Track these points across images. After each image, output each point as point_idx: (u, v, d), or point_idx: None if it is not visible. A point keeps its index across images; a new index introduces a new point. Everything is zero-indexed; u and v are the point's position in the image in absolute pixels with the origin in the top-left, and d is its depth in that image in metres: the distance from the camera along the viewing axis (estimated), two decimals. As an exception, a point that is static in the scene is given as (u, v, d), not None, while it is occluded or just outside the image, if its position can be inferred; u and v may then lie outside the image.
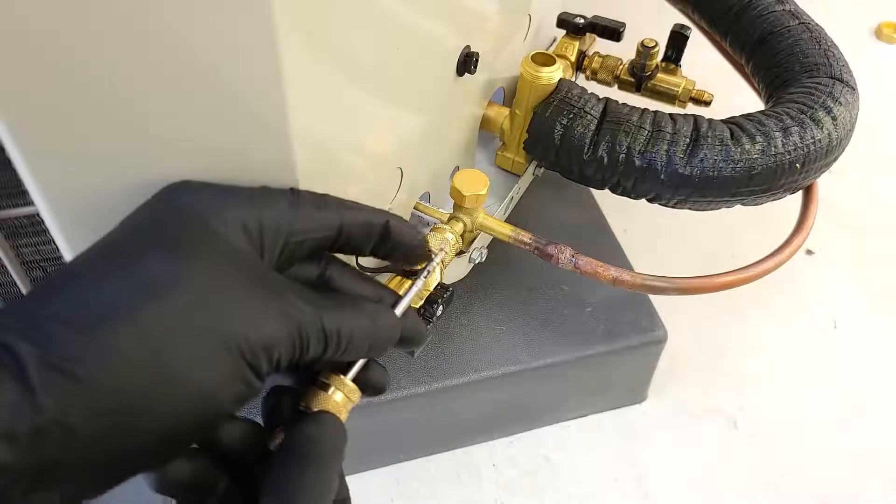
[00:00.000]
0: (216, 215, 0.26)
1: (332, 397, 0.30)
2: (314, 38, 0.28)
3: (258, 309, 0.25)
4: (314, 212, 0.29)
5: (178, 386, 0.23)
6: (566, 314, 0.56)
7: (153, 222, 0.26)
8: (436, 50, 0.42)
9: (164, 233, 0.26)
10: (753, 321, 0.69)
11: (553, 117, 0.50)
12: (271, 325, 0.25)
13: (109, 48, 0.25)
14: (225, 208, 0.26)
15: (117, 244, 0.26)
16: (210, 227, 0.26)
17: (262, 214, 0.27)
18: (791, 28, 0.57)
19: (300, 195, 0.29)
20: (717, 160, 0.47)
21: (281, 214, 0.27)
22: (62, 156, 0.29)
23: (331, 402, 0.30)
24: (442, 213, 0.47)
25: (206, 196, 0.27)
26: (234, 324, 0.24)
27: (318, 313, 0.26)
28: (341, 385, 0.30)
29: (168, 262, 0.24)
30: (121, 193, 0.30)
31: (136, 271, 0.24)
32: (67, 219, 0.31)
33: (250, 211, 0.27)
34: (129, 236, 0.26)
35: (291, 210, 0.28)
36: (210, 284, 0.25)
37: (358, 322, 0.28)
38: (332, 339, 0.27)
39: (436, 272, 0.42)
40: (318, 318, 0.26)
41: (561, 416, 0.61)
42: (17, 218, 0.37)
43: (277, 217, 0.27)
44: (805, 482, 0.58)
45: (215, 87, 0.27)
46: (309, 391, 0.30)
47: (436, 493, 0.56)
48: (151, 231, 0.26)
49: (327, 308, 0.27)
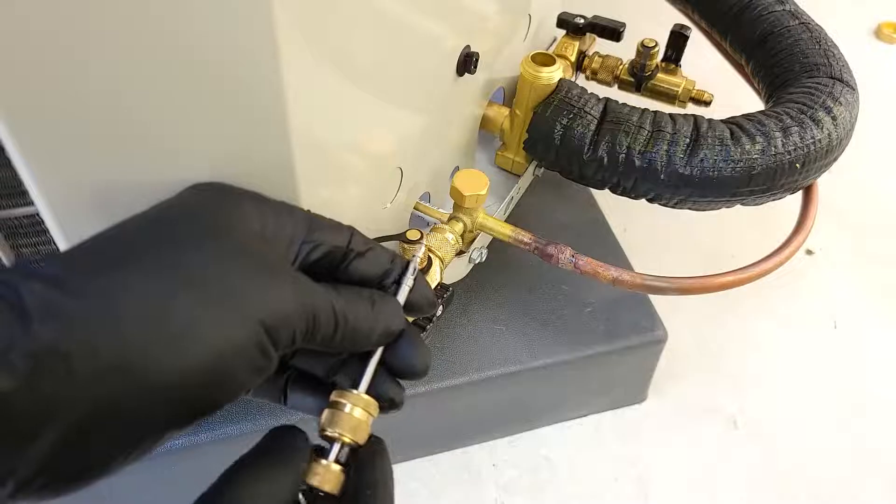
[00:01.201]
0: (240, 210, 0.27)
1: (351, 414, 0.28)
2: (314, 38, 0.28)
3: (276, 284, 0.26)
4: (328, 224, 0.30)
5: (187, 342, 0.23)
6: (566, 314, 0.56)
7: (179, 208, 0.27)
8: (436, 50, 0.42)
9: (188, 217, 0.27)
10: (753, 321, 0.69)
11: (553, 117, 0.50)
12: (287, 299, 0.26)
13: (109, 48, 0.25)
14: (248, 206, 0.28)
15: (139, 219, 0.26)
16: (233, 218, 0.27)
17: (282, 217, 0.28)
18: (791, 28, 0.57)
19: (316, 214, 0.31)
20: (717, 160, 0.47)
21: (298, 220, 0.29)
22: (62, 156, 0.29)
23: (351, 420, 0.28)
24: (442, 213, 0.48)
25: (230, 193, 0.29)
26: (253, 291, 0.25)
27: (328, 294, 0.28)
28: (357, 400, 0.29)
29: (195, 238, 0.26)
30: (120, 193, 0.30)
31: (157, 235, 0.25)
32: (67, 219, 0.31)
33: (272, 210, 0.28)
34: (152, 215, 0.27)
35: (307, 219, 0.29)
36: (227, 257, 0.25)
37: (360, 307, 0.29)
38: (340, 321, 0.28)
39: (435, 268, 0.42)
40: (329, 298, 0.27)
41: (561, 416, 0.61)
42: (17, 218, 0.36)
43: (295, 221, 0.29)
44: (805, 482, 0.58)
45: (215, 87, 0.27)
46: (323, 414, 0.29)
47: (436, 493, 0.56)
48: (177, 215, 0.27)
49: (335, 292, 0.28)
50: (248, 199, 0.28)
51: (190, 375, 0.23)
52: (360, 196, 0.40)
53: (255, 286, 0.25)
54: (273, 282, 0.26)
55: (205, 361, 0.23)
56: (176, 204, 0.28)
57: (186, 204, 0.28)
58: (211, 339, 0.24)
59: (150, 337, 0.23)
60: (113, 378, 0.22)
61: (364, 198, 0.40)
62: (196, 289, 0.24)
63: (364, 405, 0.29)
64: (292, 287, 0.26)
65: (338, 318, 0.27)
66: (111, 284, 0.23)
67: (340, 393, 0.29)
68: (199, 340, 0.23)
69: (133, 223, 0.26)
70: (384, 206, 0.43)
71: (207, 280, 0.24)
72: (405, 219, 0.48)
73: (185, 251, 0.25)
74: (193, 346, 0.23)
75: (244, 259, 0.26)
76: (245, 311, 0.25)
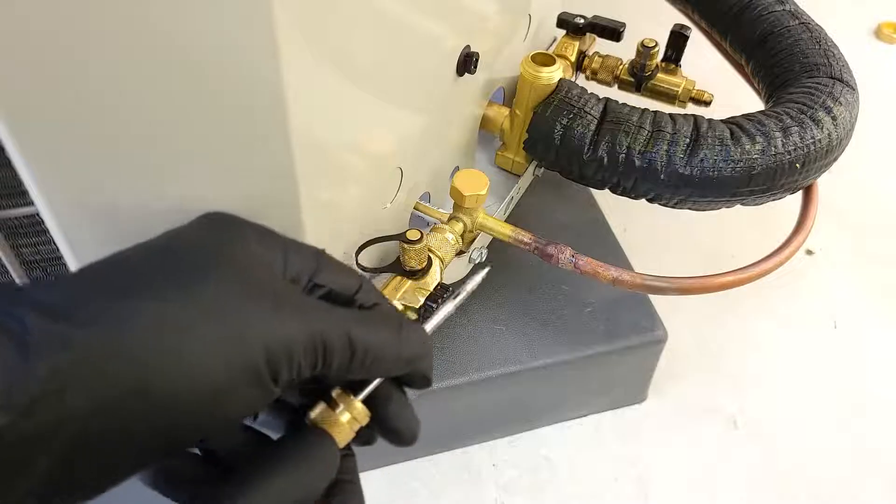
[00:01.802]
0: (249, 242, 0.27)
1: (338, 417, 0.29)
2: (314, 38, 0.28)
3: (281, 313, 0.25)
4: (336, 264, 0.29)
5: (191, 374, 0.23)
6: (566, 314, 0.56)
7: (188, 236, 0.27)
8: (436, 50, 0.42)
9: (196, 244, 0.26)
10: (753, 321, 0.69)
11: (553, 117, 0.50)
12: (292, 329, 0.25)
13: (109, 48, 0.25)
14: (258, 238, 0.27)
15: (149, 246, 0.26)
16: (242, 249, 0.26)
17: (290, 253, 0.28)
18: (791, 28, 0.57)
19: (326, 253, 0.30)
20: (717, 160, 0.47)
21: (307, 257, 0.28)
22: (62, 156, 0.29)
23: (337, 422, 0.29)
24: (442, 213, 0.48)
25: (241, 225, 0.28)
26: (254, 323, 0.24)
27: (344, 322, 0.27)
28: (350, 407, 0.29)
29: (200, 267, 0.25)
30: (120, 193, 0.30)
31: (164, 265, 0.25)
32: (67, 219, 0.31)
33: (279, 246, 0.28)
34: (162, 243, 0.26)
35: (317, 256, 0.29)
36: (235, 287, 0.25)
37: (385, 334, 0.28)
38: (358, 349, 0.27)
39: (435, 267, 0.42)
40: (344, 326, 0.26)
41: (561, 416, 0.61)
42: (17, 218, 0.36)
43: (304, 258, 0.28)
44: (805, 482, 0.58)
45: (214, 87, 0.27)
46: (317, 405, 0.29)
47: (436, 493, 0.56)
48: (185, 242, 0.26)
49: (354, 318, 0.27)
50: (256, 232, 0.28)
51: (193, 406, 0.23)
52: (361, 196, 0.40)
53: (255, 313, 0.25)
54: (278, 311, 0.25)
55: (207, 392, 0.23)
56: (183, 234, 0.27)
57: (193, 234, 0.27)
58: (213, 370, 0.23)
59: (154, 368, 0.23)
60: (113, 410, 0.22)
61: (364, 198, 0.40)
62: (198, 320, 0.24)
63: (355, 414, 0.29)
64: (300, 314, 0.26)
65: (354, 345, 0.26)
66: (116, 314, 0.23)
67: (340, 394, 0.29)
68: (202, 372, 0.23)
69: (139, 251, 0.26)
70: (384, 206, 0.43)
71: (210, 311, 0.24)
72: (405, 219, 0.48)
73: (189, 282, 0.24)
74: (197, 377, 0.23)
75: (250, 289, 0.25)
76: (245, 338, 0.24)
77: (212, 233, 0.27)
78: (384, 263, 0.43)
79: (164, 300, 0.23)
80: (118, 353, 0.22)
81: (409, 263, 0.41)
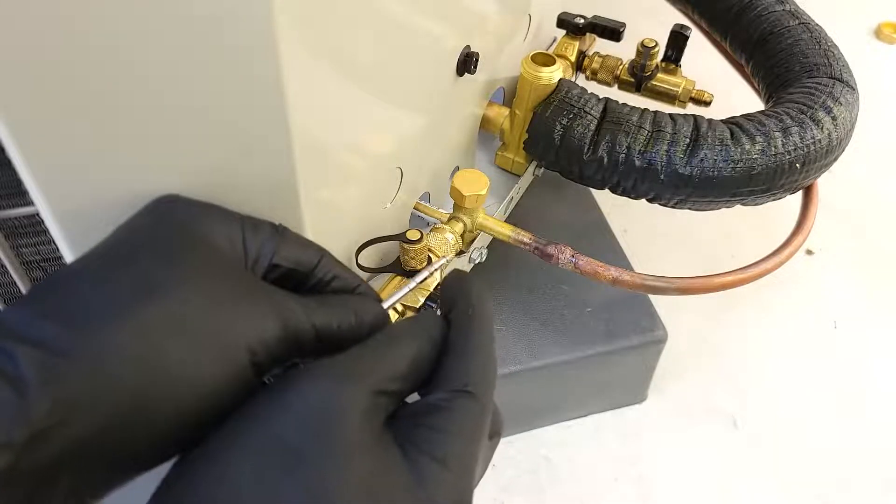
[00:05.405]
0: (206, 227, 0.28)
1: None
2: (314, 38, 0.28)
3: (252, 308, 0.26)
4: (296, 241, 0.30)
5: (176, 384, 0.24)
6: (566, 314, 0.56)
7: (147, 230, 0.27)
8: (436, 50, 0.42)
9: (157, 241, 0.27)
10: (753, 321, 0.69)
11: (553, 117, 0.50)
12: (266, 323, 0.26)
13: (108, 47, 0.25)
14: (214, 222, 0.28)
15: (113, 251, 0.26)
16: (200, 237, 0.27)
17: (248, 233, 0.28)
18: (791, 28, 0.57)
19: (284, 228, 0.30)
20: (717, 160, 0.47)
21: (265, 237, 0.29)
22: (62, 156, 0.29)
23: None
24: (442, 213, 0.48)
25: (195, 209, 0.29)
26: (230, 322, 0.25)
27: (307, 311, 0.28)
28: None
29: (163, 267, 0.25)
30: (120, 193, 0.30)
31: (133, 275, 0.25)
32: (67, 219, 0.31)
33: (237, 227, 0.28)
34: (123, 244, 0.27)
35: (275, 236, 0.29)
36: (204, 286, 0.25)
37: (344, 317, 0.29)
38: (324, 336, 0.28)
39: (435, 277, 0.42)
40: (308, 318, 0.27)
41: (561, 416, 0.60)
42: (17, 218, 0.37)
43: (262, 238, 0.29)
44: (805, 482, 0.58)
45: (214, 87, 0.27)
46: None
47: (436, 493, 0.56)
48: (146, 239, 0.27)
49: (314, 306, 0.28)
50: (210, 216, 0.28)
51: (186, 418, 0.24)
52: (361, 196, 0.40)
53: (229, 312, 0.25)
54: (248, 304, 0.26)
55: (198, 402, 0.24)
56: (138, 230, 0.27)
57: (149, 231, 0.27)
58: (196, 379, 0.24)
59: (144, 390, 0.23)
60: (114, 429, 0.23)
61: (364, 198, 0.40)
62: (181, 334, 0.24)
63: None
64: (269, 307, 0.26)
65: (320, 335, 0.28)
66: (100, 342, 0.23)
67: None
68: (192, 385, 0.24)
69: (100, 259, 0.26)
70: (384, 206, 0.43)
71: (188, 321, 0.24)
72: (405, 219, 0.47)
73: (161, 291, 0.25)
74: (187, 392, 0.24)
75: (213, 284, 0.26)
76: (224, 339, 0.25)
77: (167, 227, 0.27)
78: (384, 263, 0.43)
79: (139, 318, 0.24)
80: (110, 383, 0.23)
81: (409, 263, 0.41)
